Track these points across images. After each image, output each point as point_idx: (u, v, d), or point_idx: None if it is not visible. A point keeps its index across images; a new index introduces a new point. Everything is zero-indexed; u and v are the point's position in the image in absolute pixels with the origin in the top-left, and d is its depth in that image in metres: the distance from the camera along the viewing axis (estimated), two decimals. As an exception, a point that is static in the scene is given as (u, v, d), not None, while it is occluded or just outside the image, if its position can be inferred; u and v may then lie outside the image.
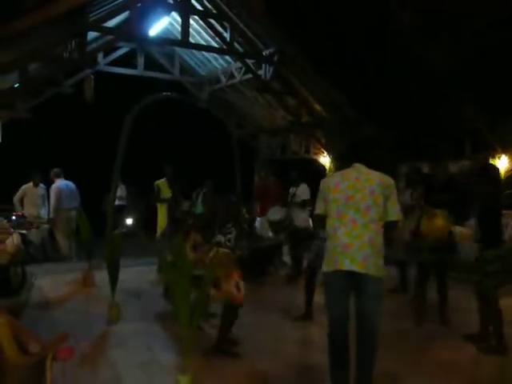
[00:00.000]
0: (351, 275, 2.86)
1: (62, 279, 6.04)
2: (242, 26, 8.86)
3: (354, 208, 2.94)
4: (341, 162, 3.44)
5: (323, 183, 3.17)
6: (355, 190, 2.98)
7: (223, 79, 10.91)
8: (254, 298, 5.55)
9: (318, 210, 3.17)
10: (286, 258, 7.17)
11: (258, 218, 7.62)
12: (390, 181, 3.08)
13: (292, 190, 7.02)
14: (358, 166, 3.12)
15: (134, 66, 10.81)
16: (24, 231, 7.03)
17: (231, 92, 11.50)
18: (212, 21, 9.16)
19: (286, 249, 7.25)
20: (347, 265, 2.85)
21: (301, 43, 8.89)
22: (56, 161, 8.71)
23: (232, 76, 10.51)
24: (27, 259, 6.16)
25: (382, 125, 9.56)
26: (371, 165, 3.17)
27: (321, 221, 3.14)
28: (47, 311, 4.61)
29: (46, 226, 7.72)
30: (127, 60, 10.84)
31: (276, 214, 6.51)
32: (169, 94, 7.94)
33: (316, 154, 11.02)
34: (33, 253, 7.14)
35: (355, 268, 2.84)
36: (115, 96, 10.66)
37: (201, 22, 9.43)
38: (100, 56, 10.18)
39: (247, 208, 6.88)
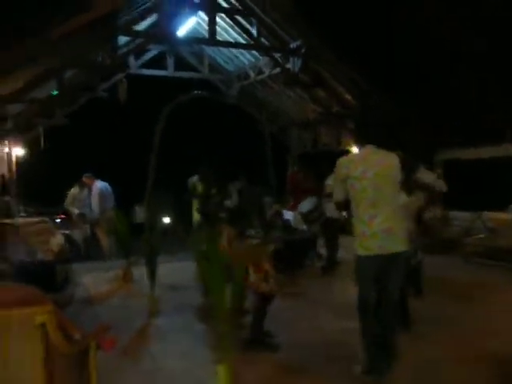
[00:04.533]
0: (389, 256, 3.08)
1: (103, 276, 6.27)
2: (268, 20, 8.87)
3: (384, 197, 3.11)
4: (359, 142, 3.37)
5: (342, 168, 3.18)
6: (382, 179, 3.10)
7: (252, 74, 10.95)
8: (291, 291, 5.62)
9: (339, 196, 3.25)
10: (322, 250, 7.15)
11: (292, 212, 7.63)
12: (398, 161, 3.24)
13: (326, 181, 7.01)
14: (370, 147, 3.19)
15: (165, 68, 11.02)
16: (67, 231, 7.39)
17: (260, 87, 11.53)
18: (238, 17, 9.21)
19: (321, 241, 7.24)
20: (392, 247, 3.09)
21: (327, 33, 8.80)
22: (93, 163, 9.04)
23: (261, 71, 10.54)
24: (71, 257, 6.45)
25: (416, 111, 9.35)
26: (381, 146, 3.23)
27: (343, 206, 3.30)
28: (90, 306, 4.81)
29: (87, 225, 8.03)
30: (158, 62, 11.06)
31: (306, 205, 6.51)
32: (199, 92, 8.11)
33: (348, 144, 10.89)
34: (76, 251, 7.46)
35: (398, 248, 3.10)
36: (148, 98, 10.91)
37: (227, 19, 9.50)
38: (131, 59, 10.44)
39: (279, 201, 6.89)
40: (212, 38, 8.46)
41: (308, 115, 11.18)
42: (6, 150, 8.89)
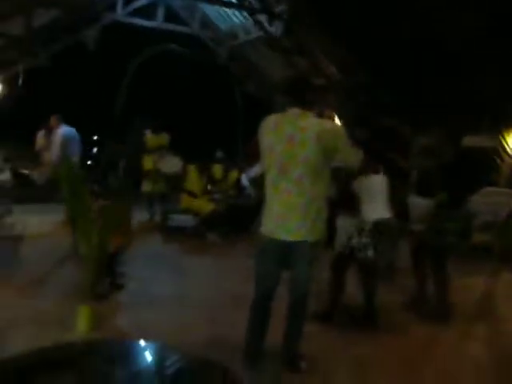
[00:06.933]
0: (286, 243, 2.80)
1: (50, 219, 6.47)
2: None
3: (287, 178, 2.76)
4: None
5: (260, 134, 2.86)
6: (289, 157, 2.73)
7: (241, 35, 10.75)
8: (218, 252, 5.81)
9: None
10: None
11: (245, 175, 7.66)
12: (332, 128, 2.80)
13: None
14: (293, 112, 2.76)
15: (154, 18, 10.79)
16: (26, 171, 7.56)
17: (249, 49, 11.34)
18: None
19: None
20: (282, 235, 2.79)
21: (313, 1, 8.58)
22: (72, 110, 9.07)
23: (249, 32, 10.35)
24: (24, 197, 6.71)
25: (398, 92, 9.19)
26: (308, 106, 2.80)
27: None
28: (14, 243, 4.96)
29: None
30: (148, 11, 10.83)
31: (255, 170, 6.55)
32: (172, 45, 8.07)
33: (329, 117, 10.77)
34: (35, 192, 7.65)
35: (289, 238, 2.78)
36: (134, 47, 10.76)
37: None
38: (119, 6, 10.21)
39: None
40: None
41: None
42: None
